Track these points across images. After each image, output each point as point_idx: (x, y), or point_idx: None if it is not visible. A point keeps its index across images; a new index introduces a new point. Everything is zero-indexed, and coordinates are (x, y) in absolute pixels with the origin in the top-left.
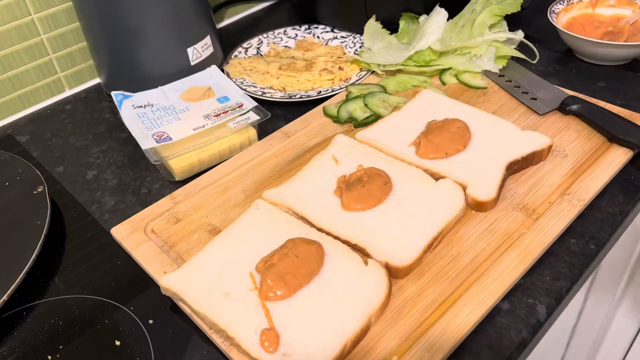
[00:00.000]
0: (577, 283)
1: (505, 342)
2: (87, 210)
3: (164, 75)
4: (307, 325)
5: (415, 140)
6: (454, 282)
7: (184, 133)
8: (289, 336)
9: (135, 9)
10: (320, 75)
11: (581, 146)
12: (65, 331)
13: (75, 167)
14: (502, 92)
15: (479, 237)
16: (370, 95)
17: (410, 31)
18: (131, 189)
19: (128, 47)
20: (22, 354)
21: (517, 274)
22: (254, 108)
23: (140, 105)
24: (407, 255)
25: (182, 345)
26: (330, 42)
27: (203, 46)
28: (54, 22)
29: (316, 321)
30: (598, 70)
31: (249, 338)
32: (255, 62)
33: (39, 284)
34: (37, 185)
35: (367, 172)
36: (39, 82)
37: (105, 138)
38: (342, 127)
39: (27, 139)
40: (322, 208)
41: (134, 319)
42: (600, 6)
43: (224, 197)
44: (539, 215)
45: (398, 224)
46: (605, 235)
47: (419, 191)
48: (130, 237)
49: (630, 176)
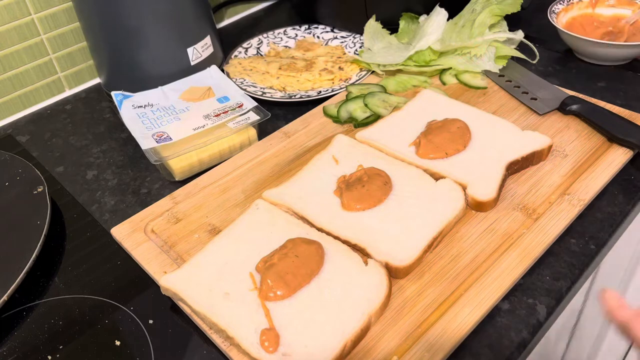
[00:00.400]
0: (577, 283)
1: (505, 342)
2: (87, 210)
3: (164, 75)
4: (307, 325)
5: (415, 140)
6: (454, 282)
7: (184, 133)
8: (289, 336)
9: (135, 9)
10: (320, 75)
11: (581, 146)
12: (65, 331)
13: (75, 167)
14: (502, 92)
15: (479, 237)
16: (370, 95)
17: (410, 31)
18: (131, 189)
19: (128, 47)
20: (22, 354)
21: (517, 274)
22: (254, 108)
23: (140, 105)
24: (407, 255)
25: (182, 345)
26: (330, 42)
27: (203, 46)
28: (54, 22)
29: (316, 321)
30: (598, 70)
31: (249, 338)
32: (255, 62)
33: (39, 284)
34: (37, 185)
35: (367, 172)
36: (39, 82)
37: (105, 138)
38: (342, 127)
39: (27, 139)
40: (322, 208)
41: (134, 319)
42: (600, 6)
43: (224, 197)
44: (539, 215)
45: (398, 224)
46: (605, 235)
47: (419, 191)
48: (130, 237)
49: (630, 176)
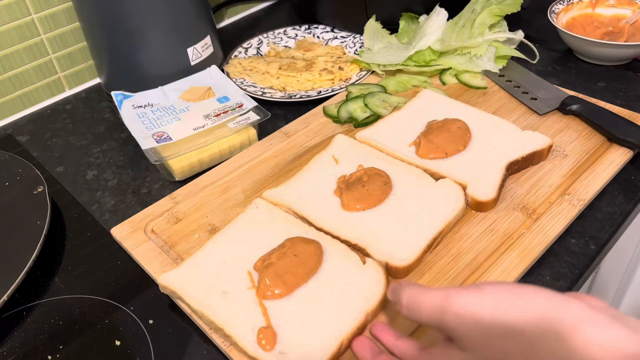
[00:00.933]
0: (577, 283)
1: None
2: (87, 210)
3: (164, 75)
4: (304, 323)
5: (415, 140)
6: (454, 282)
7: (184, 133)
8: (286, 334)
9: (135, 9)
10: (320, 75)
11: (581, 146)
12: (65, 331)
13: (75, 167)
14: (502, 92)
15: (479, 237)
16: (370, 95)
17: (410, 31)
18: (131, 189)
19: (128, 47)
20: (22, 354)
21: (517, 274)
22: (254, 108)
23: (140, 105)
24: (407, 255)
25: (182, 345)
26: (330, 42)
27: (203, 46)
28: (54, 22)
29: (313, 319)
30: (598, 70)
31: (246, 336)
32: (255, 62)
33: (39, 284)
34: (37, 185)
35: (367, 172)
36: (39, 82)
37: (105, 138)
38: (342, 127)
39: (27, 139)
40: (322, 208)
41: (134, 319)
42: (600, 6)
43: (224, 197)
44: (539, 215)
45: (398, 223)
46: (605, 235)
47: (419, 191)
48: (130, 237)
49: (630, 176)
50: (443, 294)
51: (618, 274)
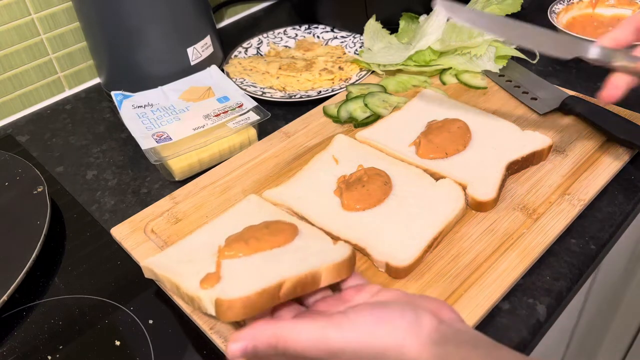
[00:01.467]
0: (577, 283)
1: (505, 342)
2: (87, 210)
3: (164, 75)
4: (251, 274)
5: (415, 140)
6: (454, 282)
7: (184, 133)
8: (228, 285)
9: (135, 9)
10: (320, 75)
11: (581, 146)
12: (65, 331)
13: (75, 167)
14: (502, 92)
15: (479, 237)
16: (370, 95)
17: (410, 31)
18: (131, 189)
19: (128, 47)
20: (22, 354)
21: (517, 274)
22: (254, 108)
23: (140, 105)
24: (407, 255)
25: (182, 345)
26: (330, 42)
27: (203, 46)
28: (54, 22)
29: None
30: (598, 70)
31: (194, 285)
32: (255, 62)
33: (39, 284)
34: (37, 185)
35: (367, 172)
36: (39, 82)
37: (105, 138)
38: (342, 127)
39: (27, 139)
40: (322, 208)
41: (134, 319)
42: (600, 6)
43: (224, 197)
44: (539, 215)
45: (398, 224)
46: (605, 235)
47: (419, 191)
48: (130, 237)
49: (630, 176)
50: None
51: (618, 274)
